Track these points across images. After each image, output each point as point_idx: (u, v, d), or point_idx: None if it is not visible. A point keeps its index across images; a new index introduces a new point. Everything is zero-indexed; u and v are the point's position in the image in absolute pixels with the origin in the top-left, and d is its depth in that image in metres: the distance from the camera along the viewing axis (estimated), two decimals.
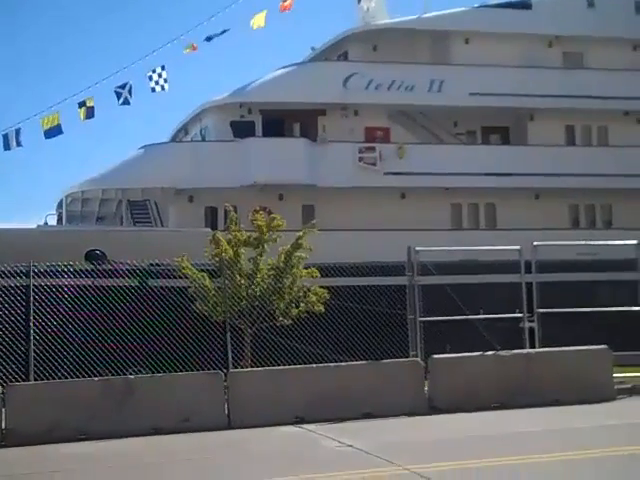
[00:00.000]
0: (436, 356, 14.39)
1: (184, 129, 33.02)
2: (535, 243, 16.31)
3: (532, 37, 30.81)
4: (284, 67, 29.90)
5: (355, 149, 28.30)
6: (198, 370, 14.13)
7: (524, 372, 14.48)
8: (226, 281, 15.86)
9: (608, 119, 30.91)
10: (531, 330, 15.84)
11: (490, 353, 14.82)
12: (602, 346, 15.06)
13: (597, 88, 30.04)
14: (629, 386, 15.50)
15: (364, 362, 14.46)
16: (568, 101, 29.82)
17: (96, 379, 13.23)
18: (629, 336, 16.24)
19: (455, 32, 30.64)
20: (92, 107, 25.77)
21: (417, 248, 15.42)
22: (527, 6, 31.26)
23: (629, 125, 31.07)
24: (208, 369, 14.01)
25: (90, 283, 18.12)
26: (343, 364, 14.32)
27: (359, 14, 31.96)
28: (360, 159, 28.13)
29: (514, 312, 15.97)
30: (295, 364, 14.94)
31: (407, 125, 30.18)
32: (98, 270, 19.38)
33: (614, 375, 15.13)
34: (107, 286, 17.88)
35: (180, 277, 17.03)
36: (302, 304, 16.66)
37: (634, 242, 16.70)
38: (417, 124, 30.35)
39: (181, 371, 14.12)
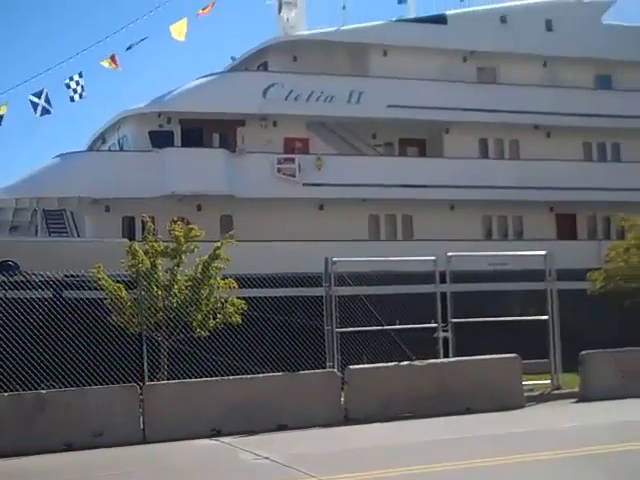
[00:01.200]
0: (352, 367, 14.55)
1: (102, 138, 32.56)
2: (449, 254, 16.67)
3: (448, 52, 31.51)
4: (204, 77, 29.82)
5: (274, 160, 28.40)
6: (114, 383, 13.94)
7: (438, 381, 14.78)
8: (142, 292, 15.72)
9: (519, 133, 31.83)
10: (446, 339, 16.18)
11: (405, 363, 15.10)
12: (512, 355, 15.49)
13: (509, 103, 30.91)
14: (537, 393, 16.01)
15: (281, 374, 14.54)
16: (482, 115, 30.60)
17: (5, 394, 12.90)
18: (538, 344, 16.77)
19: (373, 45, 31.10)
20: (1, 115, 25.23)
21: (334, 259, 15.59)
22: (443, 21, 31.95)
23: (539, 139, 32.04)
24: (124, 382, 13.84)
25: (1, 295, 17.68)
26: (260, 375, 14.33)
27: (279, 25, 32.10)
28: (279, 170, 28.24)
29: (429, 322, 16.28)
30: (213, 376, 14.89)
31: (326, 136, 30.44)
32: (10, 282, 18.93)
33: (523, 383, 15.59)
34: (20, 298, 17.48)
35: (96, 288, 16.79)
36: (219, 315, 16.65)
37: (542, 253, 17.24)
38: (336, 135, 30.65)
39: (96, 385, 13.90)
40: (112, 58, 26.06)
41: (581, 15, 33.46)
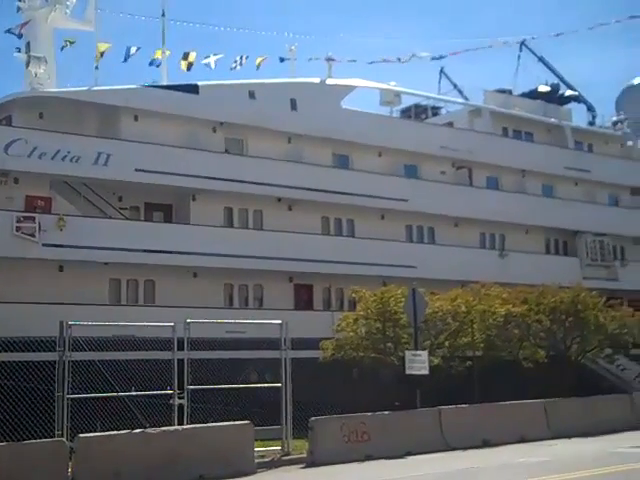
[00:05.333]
0: (82, 435, 14.16)
1: None
2: (188, 320, 16.86)
3: (198, 121, 32.13)
4: None
5: (13, 218, 27.17)
6: None
7: (171, 449, 14.78)
8: None
9: (263, 204, 32.97)
10: (181, 406, 16.25)
11: (138, 431, 14.93)
12: (245, 422, 15.91)
13: (254, 174, 32.04)
14: (268, 459, 16.51)
15: (2, 444, 13.79)
16: (228, 184, 31.39)
17: None
18: (274, 411, 17.35)
19: (124, 108, 30.98)
20: None
21: (70, 322, 15.23)
22: (195, 91, 32.59)
23: (281, 211, 33.39)
24: None
25: None
26: None
27: (26, 79, 31.16)
28: (18, 229, 27.03)
29: (166, 389, 16.30)
30: None
31: (71, 196, 29.71)
32: None
33: (255, 449, 16.03)
34: None
35: None
36: None
37: (278, 322, 17.94)
38: (81, 196, 30.02)
39: None
40: None
41: (323, 98, 35.66)
